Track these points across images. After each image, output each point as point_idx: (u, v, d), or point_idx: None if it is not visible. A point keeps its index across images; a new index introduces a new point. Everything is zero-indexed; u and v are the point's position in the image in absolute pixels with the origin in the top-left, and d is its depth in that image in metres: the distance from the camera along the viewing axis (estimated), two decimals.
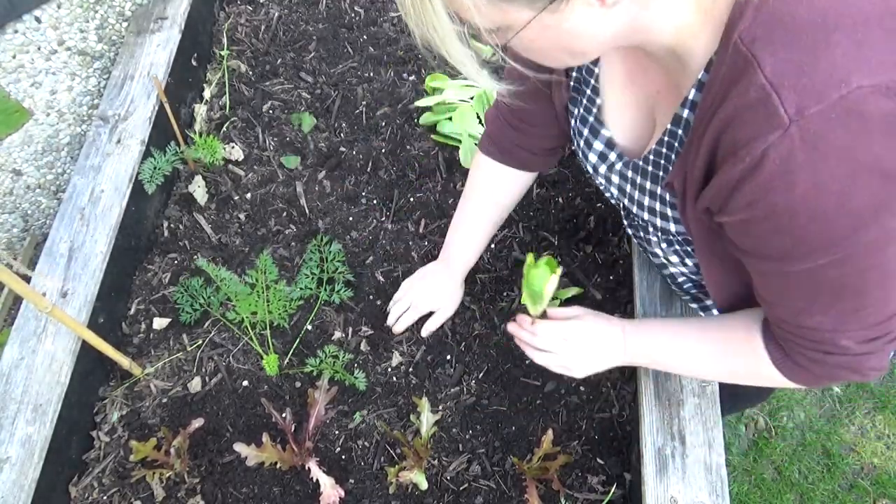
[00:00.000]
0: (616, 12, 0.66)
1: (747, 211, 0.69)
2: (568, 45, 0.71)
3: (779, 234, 0.69)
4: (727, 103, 0.66)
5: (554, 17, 0.66)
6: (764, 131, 0.62)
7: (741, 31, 0.64)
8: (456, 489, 1.18)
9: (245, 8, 1.80)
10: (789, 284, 0.76)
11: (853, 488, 1.97)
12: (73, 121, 1.61)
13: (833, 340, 0.79)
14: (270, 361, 1.25)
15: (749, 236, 0.74)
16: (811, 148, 0.61)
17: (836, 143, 0.61)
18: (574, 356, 1.06)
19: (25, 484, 1.10)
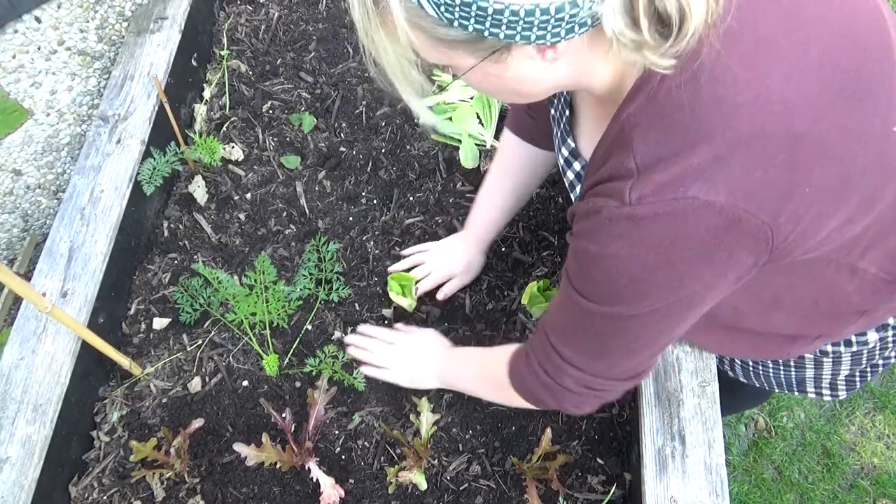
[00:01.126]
0: (557, 65, 0.71)
1: (574, 238, 0.78)
2: (513, 88, 0.76)
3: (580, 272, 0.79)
4: (605, 167, 0.75)
5: (496, 66, 0.70)
6: (611, 196, 0.71)
7: (629, 113, 0.72)
8: (456, 489, 1.18)
9: (245, 8, 1.80)
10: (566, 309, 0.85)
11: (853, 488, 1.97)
12: (73, 121, 1.61)
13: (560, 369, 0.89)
14: (270, 361, 1.25)
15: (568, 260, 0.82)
16: (633, 227, 0.69)
17: (653, 234, 0.69)
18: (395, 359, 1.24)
19: (25, 484, 1.10)
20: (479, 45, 0.67)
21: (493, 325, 1.33)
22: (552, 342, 0.89)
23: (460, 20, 0.64)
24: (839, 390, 1.21)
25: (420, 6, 0.64)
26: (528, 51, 0.68)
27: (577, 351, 0.87)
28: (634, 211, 0.69)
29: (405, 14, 0.65)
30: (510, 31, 0.64)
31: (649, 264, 0.71)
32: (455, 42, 0.67)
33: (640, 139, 0.70)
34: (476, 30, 0.64)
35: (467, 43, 0.67)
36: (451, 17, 0.64)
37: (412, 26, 0.66)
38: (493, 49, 0.68)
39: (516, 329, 1.32)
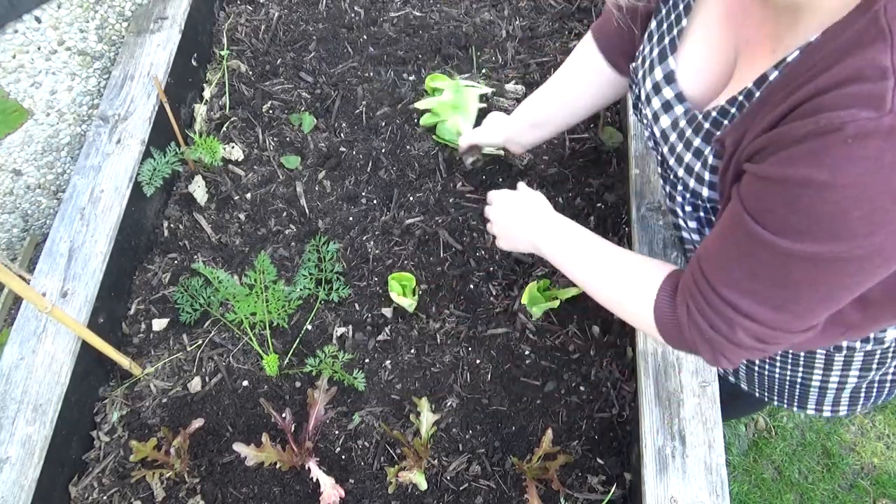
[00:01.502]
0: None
1: (784, 167, 0.63)
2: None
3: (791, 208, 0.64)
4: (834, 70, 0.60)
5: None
6: (856, 106, 0.57)
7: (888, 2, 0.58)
8: (456, 489, 1.18)
9: (245, 8, 1.80)
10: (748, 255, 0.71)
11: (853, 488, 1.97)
12: (73, 121, 1.61)
13: (733, 322, 0.76)
14: (270, 362, 1.25)
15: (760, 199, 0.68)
16: (888, 143, 0.56)
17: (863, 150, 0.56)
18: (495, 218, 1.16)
19: (25, 484, 1.10)
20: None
21: (495, 324, 1.33)
22: (723, 295, 0.75)
23: None
24: (841, 406, 1.18)
25: None
26: None
27: (759, 301, 0.72)
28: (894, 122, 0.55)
29: None
30: None
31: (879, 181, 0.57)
32: None
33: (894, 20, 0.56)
34: None
35: None
36: None
37: None
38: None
39: (516, 329, 1.32)
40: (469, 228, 1.44)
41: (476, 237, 1.43)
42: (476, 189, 1.49)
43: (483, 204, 1.46)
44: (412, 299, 1.32)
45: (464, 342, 1.31)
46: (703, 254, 0.79)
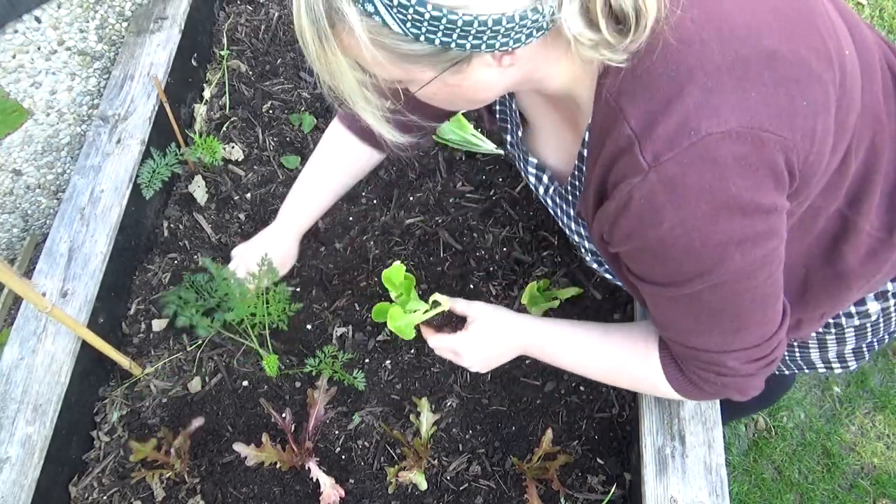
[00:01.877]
0: (511, 70, 0.72)
1: (626, 243, 0.76)
2: (468, 96, 0.77)
3: (657, 262, 0.76)
4: (605, 149, 0.73)
5: (456, 76, 0.72)
6: (629, 175, 0.70)
7: (608, 86, 0.71)
8: (456, 489, 1.18)
9: (245, 8, 1.80)
10: (675, 307, 0.82)
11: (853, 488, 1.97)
12: (73, 121, 1.61)
13: (721, 361, 0.85)
14: (270, 362, 1.25)
15: (635, 263, 0.80)
16: (669, 189, 0.68)
17: (692, 186, 0.67)
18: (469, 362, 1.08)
19: (25, 484, 1.10)
20: (442, 57, 0.68)
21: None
22: (698, 346, 0.85)
23: (427, 34, 0.65)
24: (848, 362, 1.20)
25: (384, 24, 0.64)
26: (486, 59, 0.69)
27: (722, 336, 0.82)
28: (660, 173, 0.68)
29: (368, 34, 0.66)
30: (476, 41, 0.65)
31: (708, 215, 0.69)
32: (417, 56, 0.68)
33: (628, 104, 0.70)
34: (443, 43, 0.65)
35: (430, 56, 0.68)
36: (418, 31, 0.64)
37: (375, 45, 0.67)
38: (455, 60, 0.69)
39: None
40: (469, 228, 1.44)
41: (476, 237, 1.43)
42: (476, 189, 1.49)
43: (483, 204, 1.46)
44: None
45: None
46: (661, 326, 0.89)
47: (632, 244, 0.76)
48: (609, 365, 1.00)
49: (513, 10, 0.63)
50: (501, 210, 1.46)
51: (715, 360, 0.85)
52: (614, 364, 0.99)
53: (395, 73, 0.71)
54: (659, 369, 0.93)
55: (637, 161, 0.68)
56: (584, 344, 1.02)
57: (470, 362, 1.08)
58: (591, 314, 1.32)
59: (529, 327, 1.06)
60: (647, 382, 0.96)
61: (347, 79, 0.72)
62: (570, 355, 1.03)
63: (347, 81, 0.72)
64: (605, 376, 1.03)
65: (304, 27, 0.68)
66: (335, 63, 0.70)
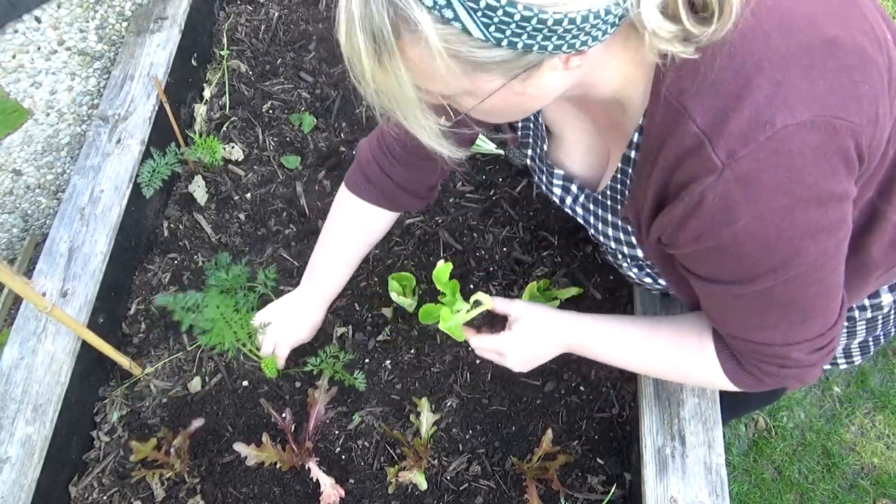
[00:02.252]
0: (573, 73, 0.69)
1: (695, 244, 0.74)
2: (526, 105, 0.74)
3: (728, 261, 0.74)
4: (667, 150, 0.71)
5: (523, 83, 0.68)
6: (700, 175, 0.67)
7: (668, 85, 0.69)
8: (456, 489, 1.18)
9: (245, 8, 1.80)
10: (741, 305, 0.80)
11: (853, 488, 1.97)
12: (73, 121, 1.61)
13: (785, 354, 0.83)
14: (269, 363, 1.25)
15: (700, 264, 0.78)
16: (745, 186, 0.66)
17: (768, 181, 0.66)
18: (512, 363, 1.07)
19: (25, 484, 1.10)
20: (517, 62, 0.64)
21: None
22: (758, 341, 0.83)
23: (511, 38, 0.61)
24: (854, 356, 1.19)
25: (463, 30, 0.60)
26: (555, 62, 0.66)
27: (788, 329, 0.81)
28: (735, 170, 0.66)
29: (443, 42, 0.61)
30: (559, 41, 0.62)
31: (785, 208, 0.67)
32: (492, 64, 0.64)
33: (693, 102, 0.68)
34: (525, 46, 0.61)
35: (505, 62, 0.64)
36: (501, 36, 0.60)
37: (448, 53, 0.62)
38: (529, 65, 0.65)
39: None
40: (469, 228, 1.44)
41: (476, 237, 1.43)
42: (476, 189, 1.49)
43: (483, 204, 1.46)
44: (412, 299, 1.32)
45: (464, 342, 1.31)
46: (719, 323, 0.87)
47: (701, 244, 0.74)
48: (659, 360, 0.98)
49: (598, 5, 0.60)
50: (501, 210, 1.46)
51: (779, 353, 0.83)
52: (665, 359, 0.97)
53: (462, 84, 0.67)
54: (716, 364, 0.91)
55: (709, 160, 0.66)
56: (631, 340, 0.99)
57: (513, 362, 1.07)
58: None
59: (573, 325, 1.03)
60: (702, 376, 0.94)
61: (408, 95, 0.67)
62: (616, 352, 1.01)
63: (407, 97, 0.67)
64: (653, 371, 1.03)
65: (359, 42, 0.63)
66: (395, 79, 0.65)
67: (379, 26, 0.61)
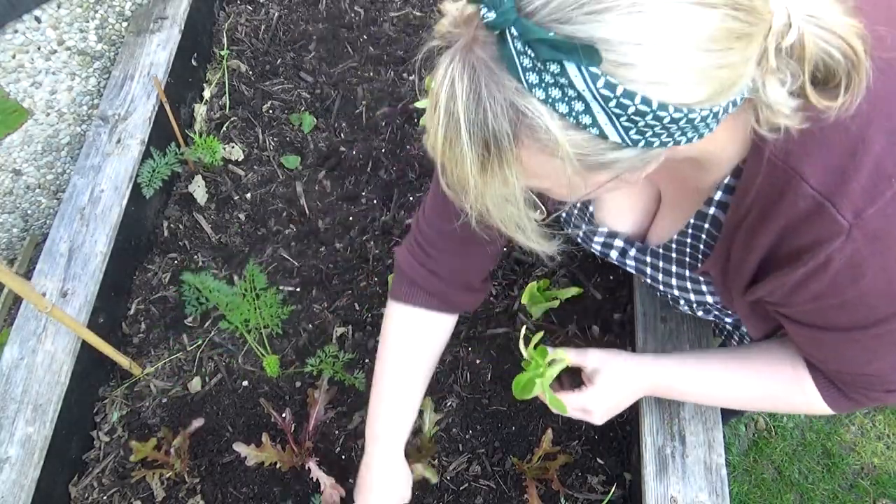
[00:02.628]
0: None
1: (815, 302, 0.72)
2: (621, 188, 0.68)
3: (848, 312, 0.72)
4: (777, 215, 0.68)
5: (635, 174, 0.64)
6: (825, 238, 0.65)
7: (772, 148, 0.66)
8: (456, 489, 1.18)
9: (245, 8, 1.80)
10: (854, 346, 0.77)
11: (853, 488, 1.97)
12: (73, 121, 1.61)
13: (892, 380, 0.81)
14: (270, 362, 1.25)
15: (815, 317, 0.76)
16: (873, 242, 0.64)
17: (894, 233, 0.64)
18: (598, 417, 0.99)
19: (25, 484, 1.10)
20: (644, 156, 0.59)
21: (495, 324, 1.33)
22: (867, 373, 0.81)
23: (649, 138, 0.56)
24: None
25: (600, 135, 0.56)
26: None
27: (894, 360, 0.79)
28: (864, 229, 0.63)
29: (573, 147, 0.56)
30: (691, 134, 0.58)
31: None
32: (618, 163, 0.59)
33: (803, 164, 0.65)
34: (662, 144, 0.58)
35: (632, 159, 0.59)
36: (640, 138, 0.56)
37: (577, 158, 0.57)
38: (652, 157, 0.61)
39: (516, 329, 1.32)
40: None
41: None
42: None
43: None
44: None
45: (464, 342, 1.31)
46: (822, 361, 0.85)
47: (820, 303, 0.72)
48: (751, 394, 0.95)
49: (735, 96, 0.57)
50: None
51: (888, 379, 0.81)
52: (757, 393, 0.94)
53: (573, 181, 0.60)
54: (815, 394, 0.88)
55: (835, 222, 0.64)
56: (717, 377, 0.96)
57: (599, 416, 0.99)
58: (591, 314, 1.32)
59: (654, 370, 0.98)
60: (798, 404, 0.92)
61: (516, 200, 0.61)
62: (703, 390, 0.98)
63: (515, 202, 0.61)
64: (744, 404, 1.02)
65: (463, 147, 0.58)
66: (504, 186, 0.59)
67: (495, 133, 0.57)
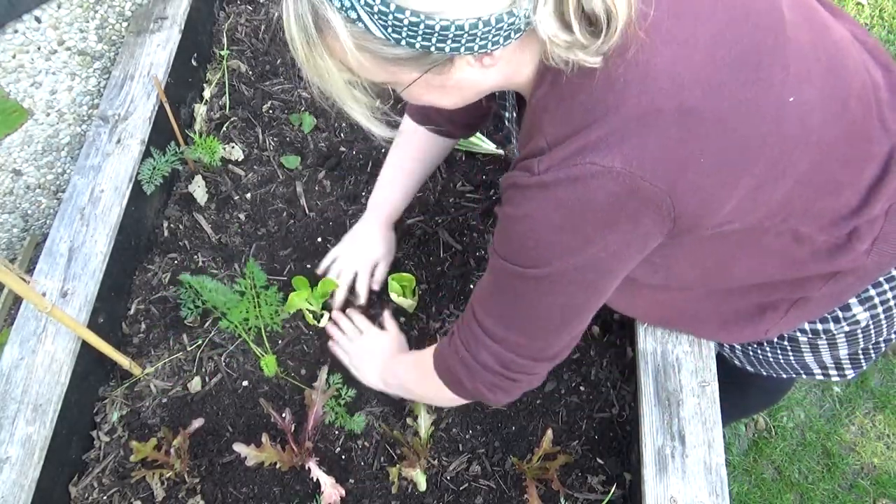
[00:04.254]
0: (493, 69, 0.77)
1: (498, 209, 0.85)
2: (454, 94, 0.82)
3: (501, 231, 0.84)
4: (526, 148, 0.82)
5: (439, 77, 0.76)
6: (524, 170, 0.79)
7: (537, 99, 0.79)
8: (456, 489, 1.18)
9: (245, 8, 1.80)
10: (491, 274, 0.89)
11: (853, 488, 1.97)
12: (73, 121, 1.61)
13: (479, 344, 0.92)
14: (269, 362, 1.25)
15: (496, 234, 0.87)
16: (542, 191, 0.76)
17: (558, 196, 0.75)
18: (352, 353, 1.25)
19: (25, 484, 1.10)
20: (424, 59, 0.72)
21: None
22: (476, 314, 0.92)
23: (407, 39, 0.69)
24: (845, 370, 1.20)
25: (367, 30, 0.69)
26: (467, 59, 0.73)
27: (496, 320, 0.90)
28: (542, 179, 0.76)
29: (352, 39, 0.70)
30: (454, 45, 0.69)
31: (556, 224, 0.77)
32: (401, 59, 0.72)
33: (548, 122, 0.78)
34: (423, 47, 0.69)
35: (413, 59, 0.72)
36: (399, 36, 0.69)
37: (359, 49, 0.71)
38: (436, 62, 0.73)
39: None
40: (469, 228, 1.44)
41: (476, 237, 1.43)
42: (476, 189, 1.49)
43: (483, 204, 1.46)
44: (412, 299, 1.32)
45: None
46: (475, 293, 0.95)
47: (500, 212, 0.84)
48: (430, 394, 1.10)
49: (488, 14, 0.67)
50: None
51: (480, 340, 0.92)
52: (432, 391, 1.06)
53: (381, 75, 0.76)
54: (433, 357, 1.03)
55: (532, 166, 0.77)
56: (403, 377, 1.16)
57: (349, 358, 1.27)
58: None
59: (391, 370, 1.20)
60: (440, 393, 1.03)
61: (336, 80, 0.77)
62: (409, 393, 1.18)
63: (335, 83, 0.77)
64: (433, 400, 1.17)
65: (294, 34, 0.72)
66: (323, 66, 0.75)
67: (305, 22, 0.71)
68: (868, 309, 1.04)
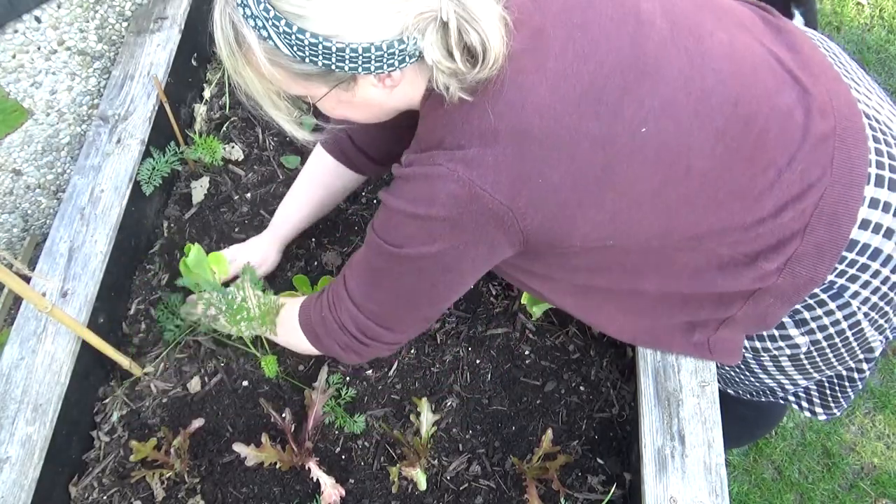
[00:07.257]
0: (397, 90, 0.87)
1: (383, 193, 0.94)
2: (363, 110, 0.93)
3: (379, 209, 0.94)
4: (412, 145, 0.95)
5: (346, 93, 0.86)
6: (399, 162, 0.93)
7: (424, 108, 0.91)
8: (456, 489, 1.18)
9: None
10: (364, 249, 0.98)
11: (853, 488, 1.97)
12: (73, 121, 1.61)
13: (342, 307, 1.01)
14: (269, 362, 1.25)
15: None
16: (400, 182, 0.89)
17: (410, 188, 0.87)
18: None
19: (25, 484, 1.10)
20: (330, 76, 0.82)
21: (495, 324, 1.33)
22: (346, 278, 1.01)
23: (310, 57, 0.79)
24: (815, 406, 1.25)
25: (276, 47, 0.79)
26: (370, 79, 0.83)
27: (360, 287, 0.99)
28: (401, 171, 0.90)
29: (265, 54, 0.80)
30: (353, 65, 0.79)
31: (409, 213, 0.87)
32: (309, 75, 0.82)
33: (422, 128, 0.91)
34: (325, 65, 0.79)
35: (319, 75, 0.82)
36: (303, 54, 0.79)
37: (272, 63, 0.81)
38: (340, 80, 0.83)
39: (516, 329, 1.32)
40: None
41: None
42: None
43: None
44: None
45: (464, 342, 1.31)
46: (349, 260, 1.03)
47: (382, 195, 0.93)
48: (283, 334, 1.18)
49: (380, 40, 0.77)
50: None
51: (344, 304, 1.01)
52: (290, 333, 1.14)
53: (295, 87, 0.86)
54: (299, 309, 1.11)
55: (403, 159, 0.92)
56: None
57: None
58: None
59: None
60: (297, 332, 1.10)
61: (256, 87, 0.87)
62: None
63: (256, 90, 0.87)
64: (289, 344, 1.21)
65: (221, 46, 0.83)
66: (245, 74, 0.85)
67: (227, 36, 0.81)
68: (806, 333, 1.04)
